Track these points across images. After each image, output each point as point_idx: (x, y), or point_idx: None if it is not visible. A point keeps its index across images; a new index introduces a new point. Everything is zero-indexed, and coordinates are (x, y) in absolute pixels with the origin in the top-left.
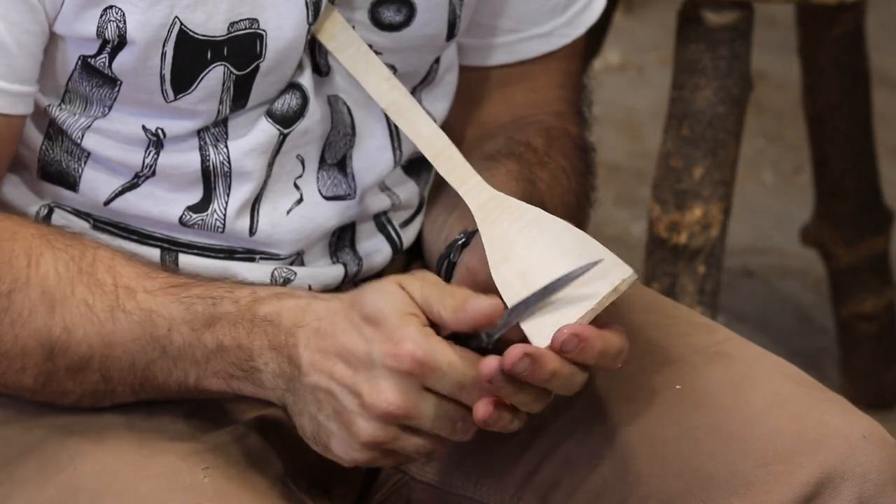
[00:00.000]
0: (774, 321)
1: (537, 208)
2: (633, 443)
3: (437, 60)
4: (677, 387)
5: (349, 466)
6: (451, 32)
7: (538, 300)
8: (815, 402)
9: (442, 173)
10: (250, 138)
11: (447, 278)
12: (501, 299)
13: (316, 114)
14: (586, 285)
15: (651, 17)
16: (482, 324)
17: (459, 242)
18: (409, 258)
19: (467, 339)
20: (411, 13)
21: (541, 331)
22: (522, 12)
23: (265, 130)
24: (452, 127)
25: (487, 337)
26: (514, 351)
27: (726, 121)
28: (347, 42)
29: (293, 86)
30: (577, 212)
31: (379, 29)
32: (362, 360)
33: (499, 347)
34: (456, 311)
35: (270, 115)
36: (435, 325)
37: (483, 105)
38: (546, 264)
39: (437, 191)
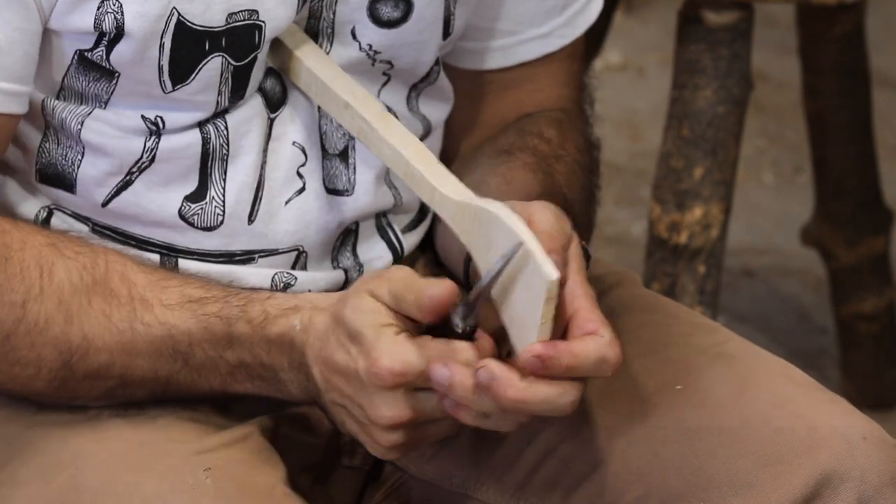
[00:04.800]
0: (774, 321)
1: (499, 207)
2: (633, 443)
3: (437, 62)
4: (678, 387)
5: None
6: (447, 30)
7: (489, 286)
8: (815, 402)
9: (416, 193)
10: (242, 111)
11: (469, 281)
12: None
13: (300, 100)
14: (526, 304)
15: (651, 17)
16: (447, 307)
17: None
18: (409, 265)
19: (446, 327)
20: (409, 8)
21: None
22: (521, 14)
23: (254, 106)
24: (459, 129)
25: (462, 321)
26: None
27: (726, 121)
28: (305, 77)
29: (272, 71)
30: (589, 208)
31: (377, 26)
32: (355, 378)
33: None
34: (419, 306)
35: (262, 91)
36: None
37: (488, 107)
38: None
39: None
